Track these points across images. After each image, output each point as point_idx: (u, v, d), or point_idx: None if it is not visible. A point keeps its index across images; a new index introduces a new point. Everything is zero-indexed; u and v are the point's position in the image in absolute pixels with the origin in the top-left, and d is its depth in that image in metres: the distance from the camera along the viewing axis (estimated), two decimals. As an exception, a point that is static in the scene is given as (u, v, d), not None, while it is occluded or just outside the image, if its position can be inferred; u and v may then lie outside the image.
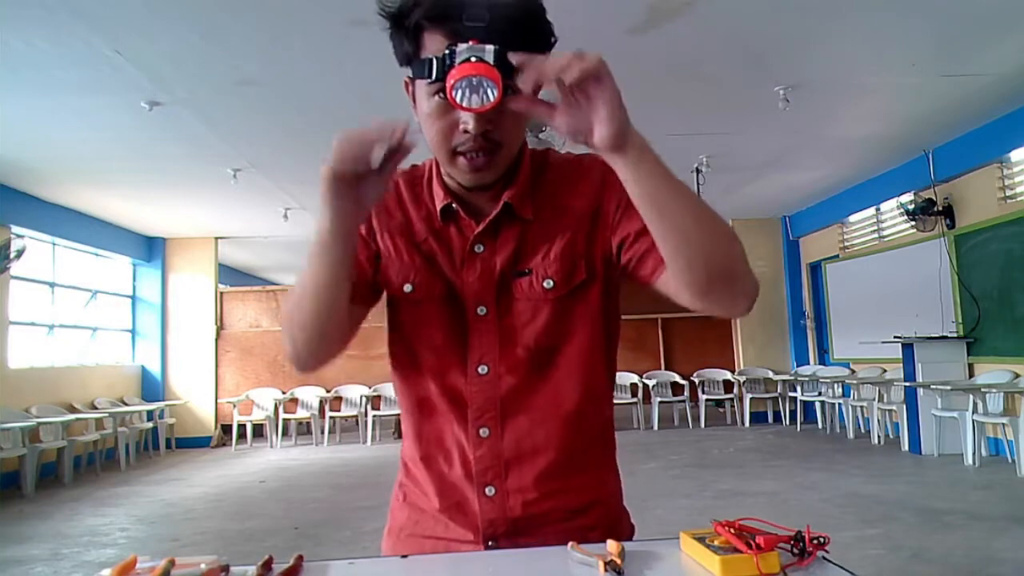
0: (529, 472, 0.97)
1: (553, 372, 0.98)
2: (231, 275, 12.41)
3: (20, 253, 6.81)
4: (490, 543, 0.98)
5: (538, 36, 0.90)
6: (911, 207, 6.95)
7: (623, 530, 1.05)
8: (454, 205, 0.98)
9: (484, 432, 0.97)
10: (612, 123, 0.77)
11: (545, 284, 0.96)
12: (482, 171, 0.91)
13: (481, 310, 0.98)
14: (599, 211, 0.98)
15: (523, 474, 0.97)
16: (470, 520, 0.99)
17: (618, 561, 0.79)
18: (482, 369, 0.98)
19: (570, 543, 0.86)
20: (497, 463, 0.97)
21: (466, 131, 0.87)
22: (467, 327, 0.98)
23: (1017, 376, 5.96)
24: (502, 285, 0.98)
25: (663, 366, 9.91)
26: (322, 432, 9.10)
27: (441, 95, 0.85)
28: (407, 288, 0.99)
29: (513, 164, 0.97)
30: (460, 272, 0.98)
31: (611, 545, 0.85)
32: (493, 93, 0.78)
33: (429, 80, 0.83)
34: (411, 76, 0.91)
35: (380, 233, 1.01)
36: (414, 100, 0.92)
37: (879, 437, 7.28)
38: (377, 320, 1.06)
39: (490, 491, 0.97)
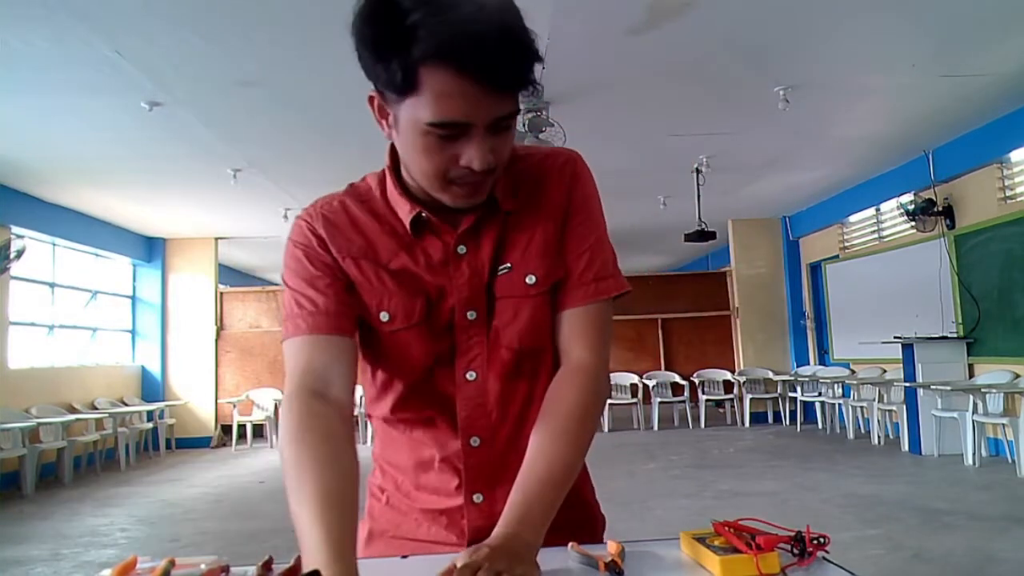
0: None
1: (538, 375, 0.95)
2: (231, 275, 12.41)
3: (20, 253, 6.81)
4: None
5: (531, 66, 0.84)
6: (911, 207, 6.95)
7: (595, 522, 1.05)
8: (424, 214, 0.92)
9: (475, 441, 0.95)
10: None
11: (527, 280, 0.92)
12: (476, 195, 0.88)
13: (471, 315, 0.93)
14: (568, 212, 0.96)
15: (511, 481, 0.93)
16: (455, 525, 0.97)
17: (618, 561, 0.79)
18: (470, 375, 0.94)
19: (570, 544, 0.86)
20: (487, 471, 0.95)
21: (470, 168, 0.82)
22: (454, 336, 0.93)
23: (1017, 376, 5.95)
24: (490, 284, 0.93)
25: (663, 366, 9.90)
26: (322, 432, 9.08)
27: (440, 134, 0.80)
28: (384, 316, 0.93)
29: None
30: (448, 278, 0.92)
31: (611, 545, 0.85)
32: None
33: (429, 123, 0.79)
34: (384, 96, 0.83)
35: (343, 259, 0.93)
36: (382, 116, 0.86)
37: (879, 437, 7.28)
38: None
39: (478, 498, 0.96)
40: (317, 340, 0.91)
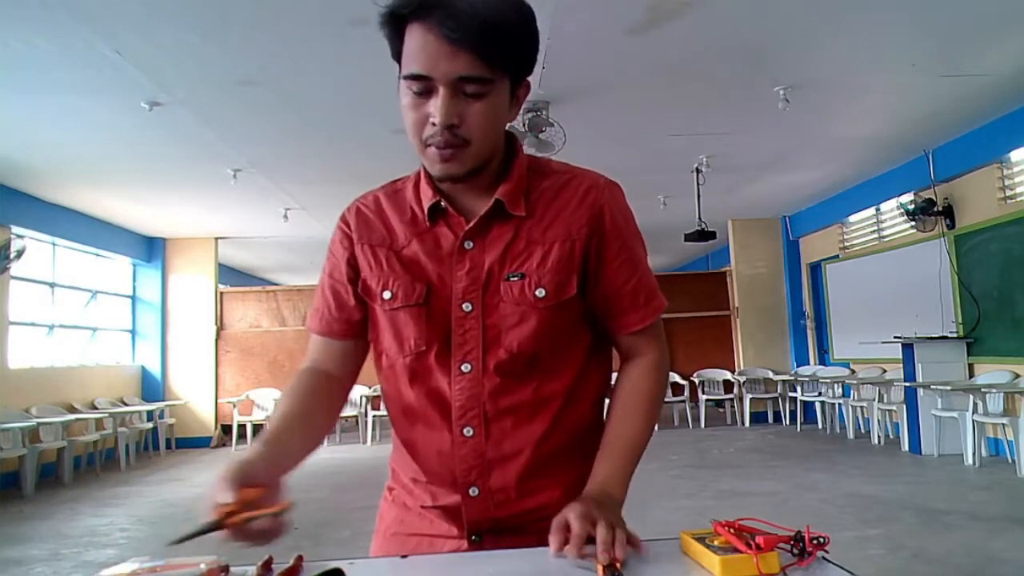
0: (512, 472, 0.97)
1: (536, 376, 0.98)
2: (231, 275, 12.40)
3: (20, 253, 6.81)
4: (474, 538, 0.99)
5: (518, 49, 0.91)
6: (911, 207, 6.95)
7: None
8: (443, 203, 0.98)
9: (468, 431, 0.97)
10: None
11: (537, 292, 0.96)
12: (449, 162, 0.92)
13: (467, 307, 0.97)
14: (602, 242, 0.99)
15: (506, 474, 0.97)
16: (455, 520, 1.00)
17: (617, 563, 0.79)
18: (465, 367, 0.97)
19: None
20: (480, 463, 0.97)
21: (433, 124, 0.89)
22: (450, 326, 0.97)
23: (1017, 376, 5.95)
24: (488, 283, 0.97)
25: (663, 366, 9.88)
26: (322, 432, 9.09)
27: (413, 88, 0.89)
28: (386, 295, 1.00)
29: (504, 162, 1.00)
30: (450, 269, 0.98)
31: (611, 545, 0.85)
32: None
33: (402, 76, 0.89)
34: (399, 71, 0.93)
35: (360, 246, 1.03)
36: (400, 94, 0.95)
37: (879, 437, 7.28)
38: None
39: (474, 492, 0.98)
40: (326, 342, 1.08)
